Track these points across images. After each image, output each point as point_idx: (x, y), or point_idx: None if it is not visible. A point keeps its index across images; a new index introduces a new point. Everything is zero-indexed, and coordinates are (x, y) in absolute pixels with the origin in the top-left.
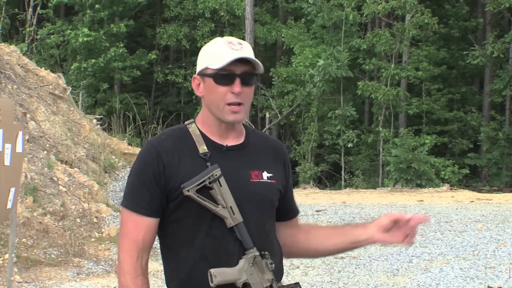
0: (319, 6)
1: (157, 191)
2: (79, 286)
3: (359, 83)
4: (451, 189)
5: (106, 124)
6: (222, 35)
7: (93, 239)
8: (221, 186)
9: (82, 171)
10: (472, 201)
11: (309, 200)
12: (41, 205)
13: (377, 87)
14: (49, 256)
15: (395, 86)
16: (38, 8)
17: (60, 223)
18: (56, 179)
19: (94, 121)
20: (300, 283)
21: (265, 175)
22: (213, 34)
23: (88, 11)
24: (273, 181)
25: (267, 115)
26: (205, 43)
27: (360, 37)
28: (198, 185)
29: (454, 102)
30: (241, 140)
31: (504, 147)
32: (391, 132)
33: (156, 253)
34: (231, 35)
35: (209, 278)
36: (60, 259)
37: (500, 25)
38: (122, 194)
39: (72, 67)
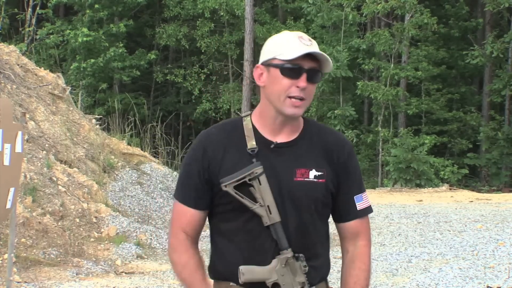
0: (318, 6)
1: (202, 186)
2: (79, 286)
3: (358, 83)
4: (450, 189)
5: (106, 124)
6: (221, 35)
7: (92, 239)
8: (260, 184)
9: (81, 171)
10: (472, 201)
11: None
12: (40, 205)
13: (377, 87)
14: (49, 256)
15: (395, 86)
16: (38, 8)
17: (59, 223)
18: (55, 179)
19: (94, 121)
20: None
21: (313, 173)
22: (212, 34)
23: (88, 11)
24: (321, 180)
25: None
26: (205, 43)
27: (359, 37)
28: (236, 181)
29: (453, 102)
30: (294, 136)
31: (503, 147)
32: (391, 132)
33: (155, 253)
34: (231, 35)
35: (238, 275)
36: (59, 259)
37: (500, 25)
38: (121, 194)
39: (72, 67)
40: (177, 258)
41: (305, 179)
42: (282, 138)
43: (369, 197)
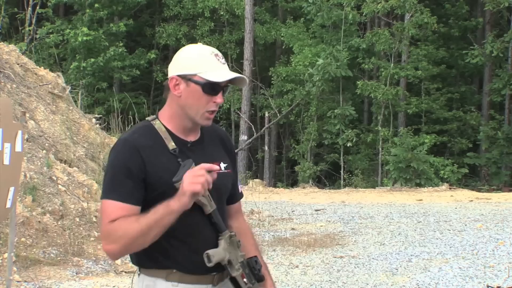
0: (318, 5)
1: (138, 183)
2: (78, 285)
3: (358, 82)
4: (450, 188)
5: (105, 123)
6: (221, 34)
7: (92, 239)
8: None
9: (81, 170)
10: (471, 201)
11: (308, 199)
12: (40, 204)
13: (377, 86)
14: (48, 255)
15: (395, 85)
16: (38, 8)
17: (59, 222)
18: (55, 178)
19: (93, 120)
20: (299, 282)
21: (222, 166)
22: (212, 33)
23: (88, 10)
24: (228, 170)
25: (267, 115)
26: (205, 42)
27: (359, 36)
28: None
29: (453, 101)
30: (199, 136)
31: (503, 147)
32: (391, 131)
33: None
34: (231, 34)
35: (206, 260)
36: (59, 258)
37: (500, 25)
38: None
39: (72, 66)
40: (122, 229)
41: (219, 171)
42: (192, 137)
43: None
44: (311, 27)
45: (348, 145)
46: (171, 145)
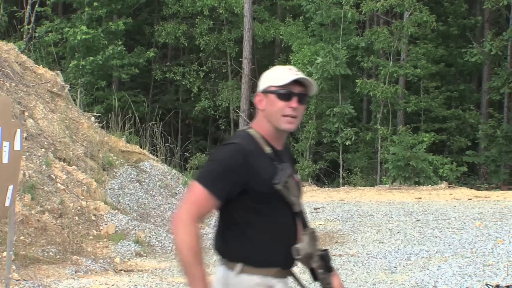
0: (317, 3)
1: (235, 184)
2: (77, 284)
3: (357, 80)
4: (449, 186)
5: (104, 122)
6: (220, 32)
7: (91, 237)
8: (292, 180)
9: (80, 168)
10: (470, 199)
11: (307, 197)
12: (39, 203)
13: (376, 84)
14: (47, 254)
15: (394, 83)
16: (36, 6)
17: (58, 221)
18: (54, 177)
19: (92, 119)
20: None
21: (297, 176)
22: (211, 31)
23: (87, 9)
24: (299, 180)
25: None
26: (203, 40)
27: (358, 34)
28: (284, 181)
29: (452, 99)
30: (282, 147)
31: (502, 145)
32: (389, 129)
33: (154, 251)
34: (230, 33)
35: (295, 253)
36: (58, 256)
37: (499, 23)
38: (120, 191)
39: (71, 65)
40: (188, 241)
41: (297, 179)
42: (279, 147)
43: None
44: (310, 26)
45: (347, 143)
46: (267, 149)
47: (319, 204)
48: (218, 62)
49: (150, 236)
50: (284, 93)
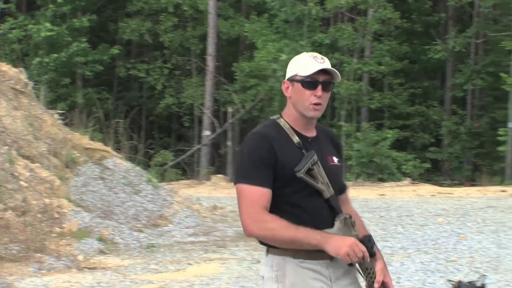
0: (282, 0)
1: (270, 169)
2: (40, 282)
3: None
4: (412, 183)
5: (68, 119)
6: (185, 30)
7: (54, 235)
8: (319, 167)
9: (43, 166)
10: (433, 195)
11: None
12: (2, 201)
13: (340, 81)
14: (10, 251)
15: (358, 80)
16: (0, 3)
17: (21, 219)
18: (17, 174)
19: (56, 116)
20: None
21: (335, 159)
22: (176, 28)
23: (51, 6)
24: (339, 164)
25: (230, 110)
26: (168, 37)
27: (322, 31)
28: (306, 168)
29: (416, 96)
30: (315, 133)
31: (465, 141)
32: (353, 126)
33: (117, 248)
34: (194, 30)
35: None
36: (21, 254)
37: (462, 20)
38: (83, 189)
39: (34, 62)
40: (276, 225)
41: (334, 163)
42: (310, 134)
43: None
44: (275, 23)
45: None
46: (295, 138)
47: None
48: (182, 59)
49: (113, 234)
50: (309, 82)
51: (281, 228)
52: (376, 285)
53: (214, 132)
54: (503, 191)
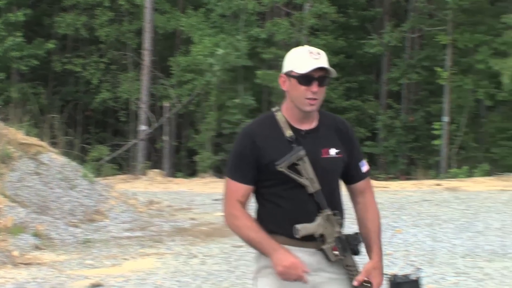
0: None
1: (253, 167)
2: None
3: (258, 72)
4: None
5: (3, 114)
6: (121, 24)
7: None
8: (304, 162)
9: None
10: None
11: (207, 189)
12: None
13: (276, 76)
14: None
15: None
16: None
17: None
18: None
19: None
20: (198, 271)
21: (333, 151)
22: (112, 23)
23: None
24: (339, 155)
25: (166, 104)
26: (104, 32)
27: (259, 26)
28: (288, 163)
29: (351, 90)
30: (315, 125)
31: (400, 135)
32: None
33: (53, 244)
34: (130, 24)
35: (294, 232)
36: None
37: (398, 14)
38: (18, 184)
39: None
40: (241, 223)
41: (328, 156)
42: (307, 126)
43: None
44: (211, 17)
45: None
46: (288, 132)
47: (219, 195)
48: (118, 53)
49: (49, 229)
50: (305, 78)
51: (244, 227)
52: (354, 282)
53: (150, 126)
54: (438, 184)
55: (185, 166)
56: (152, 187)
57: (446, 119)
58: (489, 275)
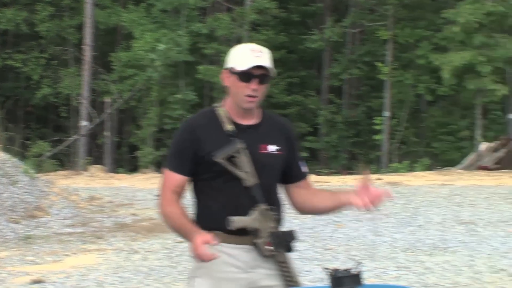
0: None
1: (190, 158)
2: None
3: (199, 67)
4: None
5: None
6: (62, 19)
7: None
8: (242, 155)
9: None
10: None
11: (149, 184)
12: None
13: (218, 71)
14: None
15: None
16: None
17: None
18: None
19: None
20: (140, 267)
21: (273, 147)
22: (53, 18)
23: None
24: (279, 152)
25: (107, 100)
26: (45, 27)
27: (200, 21)
28: (225, 154)
29: (293, 86)
30: (256, 121)
31: (342, 130)
32: None
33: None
34: (71, 19)
35: (227, 223)
36: None
37: (338, 10)
38: None
39: None
40: (169, 211)
41: (268, 152)
42: (247, 122)
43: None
44: (152, 12)
45: None
46: (228, 127)
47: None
48: (59, 49)
49: None
50: (245, 75)
51: (173, 214)
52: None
53: (91, 122)
54: (379, 179)
55: (126, 161)
56: (94, 183)
57: (387, 114)
58: (430, 269)
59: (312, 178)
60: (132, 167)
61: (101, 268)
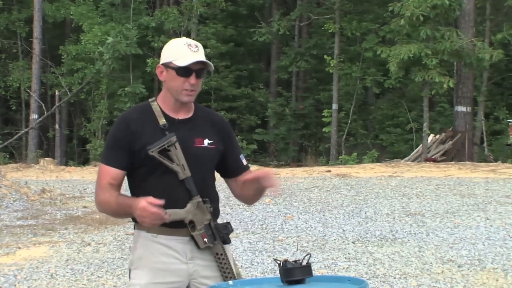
0: None
1: (125, 152)
2: None
3: (148, 60)
4: None
5: None
6: (10, 12)
7: None
8: (176, 149)
9: None
10: None
11: None
12: None
13: None
14: None
15: None
16: None
17: None
18: None
19: None
20: (91, 259)
21: (206, 141)
22: (1, 11)
23: None
24: (212, 146)
25: (57, 93)
26: None
27: (149, 14)
28: (159, 148)
29: (242, 79)
30: (190, 115)
31: (290, 123)
32: None
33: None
34: (20, 12)
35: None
36: None
37: (286, 3)
38: None
39: None
40: (104, 197)
41: (201, 145)
42: (181, 116)
43: None
44: (101, 6)
45: None
46: (162, 121)
47: None
48: (8, 42)
49: None
50: (184, 70)
51: (108, 198)
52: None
53: (41, 115)
54: (328, 171)
55: (77, 154)
56: (44, 176)
57: (335, 106)
58: (379, 260)
59: None
60: (83, 160)
61: (53, 261)
